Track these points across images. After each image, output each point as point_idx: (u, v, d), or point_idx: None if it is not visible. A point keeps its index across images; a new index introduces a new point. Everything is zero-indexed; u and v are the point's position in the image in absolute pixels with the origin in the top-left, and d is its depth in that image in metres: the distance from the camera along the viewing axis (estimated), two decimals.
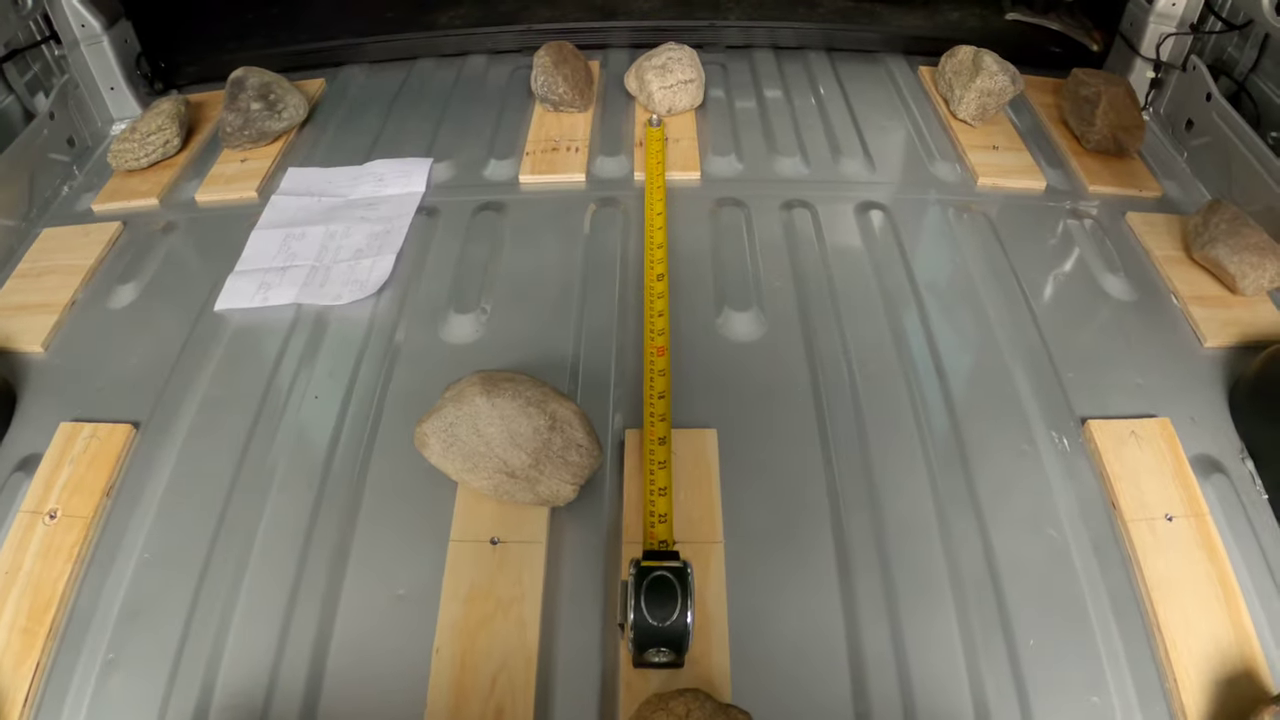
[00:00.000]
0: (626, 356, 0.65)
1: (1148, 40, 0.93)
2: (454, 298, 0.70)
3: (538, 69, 0.88)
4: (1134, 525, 0.55)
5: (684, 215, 0.77)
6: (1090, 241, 0.76)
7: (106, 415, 0.64)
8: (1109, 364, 0.65)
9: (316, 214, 0.80)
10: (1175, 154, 0.90)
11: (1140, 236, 0.77)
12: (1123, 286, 0.72)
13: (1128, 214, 0.79)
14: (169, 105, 0.92)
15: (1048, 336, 0.67)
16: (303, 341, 0.68)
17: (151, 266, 0.78)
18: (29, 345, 0.72)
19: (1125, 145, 0.86)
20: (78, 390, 0.67)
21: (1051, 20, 1.08)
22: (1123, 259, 0.74)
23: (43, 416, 0.65)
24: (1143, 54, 0.94)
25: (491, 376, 0.54)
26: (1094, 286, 0.72)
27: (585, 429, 0.52)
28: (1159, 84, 0.96)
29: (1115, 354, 0.66)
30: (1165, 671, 0.48)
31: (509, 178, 0.83)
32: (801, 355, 0.65)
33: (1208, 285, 0.72)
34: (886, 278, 0.71)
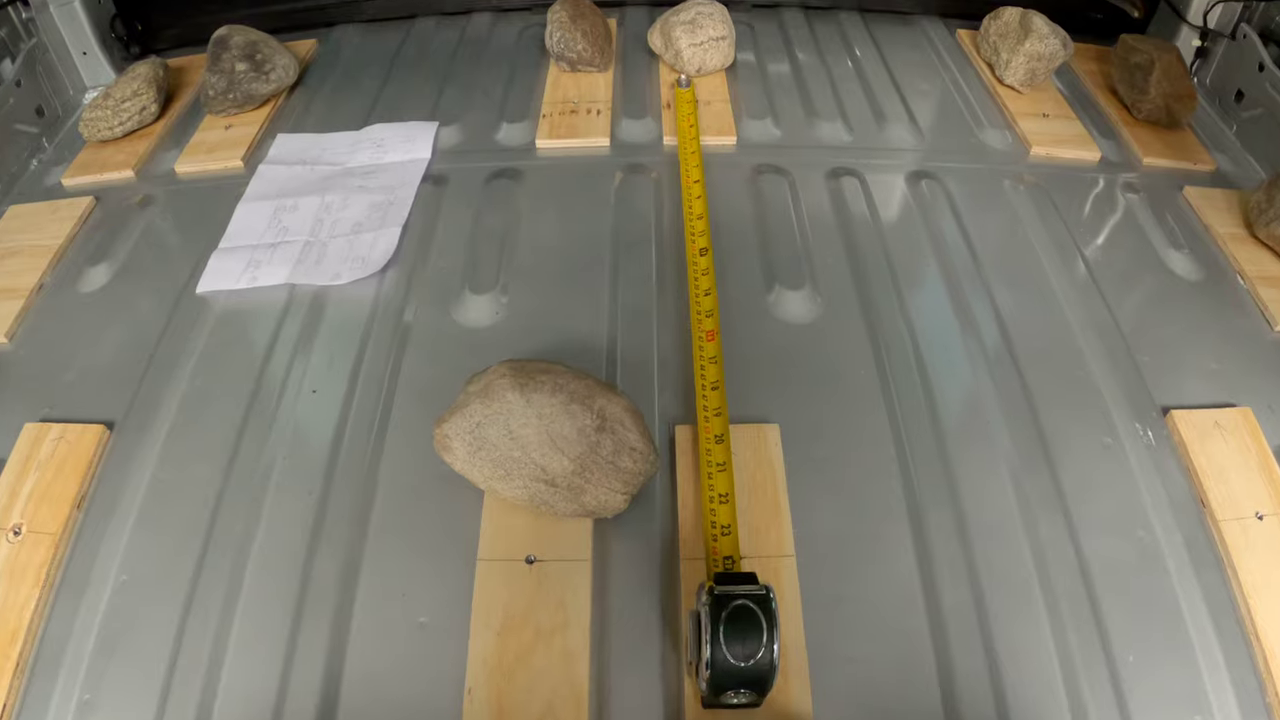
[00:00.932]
0: (669, 339, 0.56)
1: (1195, 7, 0.85)
2: (469, 275, 0.61)
3: (553, 24, 0.78)
4: (1225, 525, 0.48)
5: (722, 184, 0.68)
6: (1150, 216, 0.68)
7: (77, 414, 0.55)
8: (1182, 347, 0.58)
9: (310, 184, 0.70)
10: (1224, 126, 0.82)
11: (1200, 212, 0.70)
12: (1187, 265, 0.64)
13: (1185, 188, 0.72)
14: (146, 69, 0.81)
15: (1118, 316, 0.59)
16: (298, 326, 0.58)
17: (126, 245, 0.68)
18: None
19: (1177, 115, 0.78)
20: (44, 385, 0.58)
21: None
22: (1185, 236, 0.67)
23: (4, 416, 0.56)
24: (1190, 21, 0.86)
25: (524, 366, 0.46)
26: (1158, 264, 0.64)
27: (639, 429, 0.44)
28: (1204, 53, 0.88)
29: (1186, 336, 0.59)
30: (1266, 685, 0.42)
31: (524, 142, 0.73)
32: (864, 338, 0.56)
33: (1274, 265, 0.65)
34: (946, 253, 0.63)
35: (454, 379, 0.52)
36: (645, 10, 0.93)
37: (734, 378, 0.53)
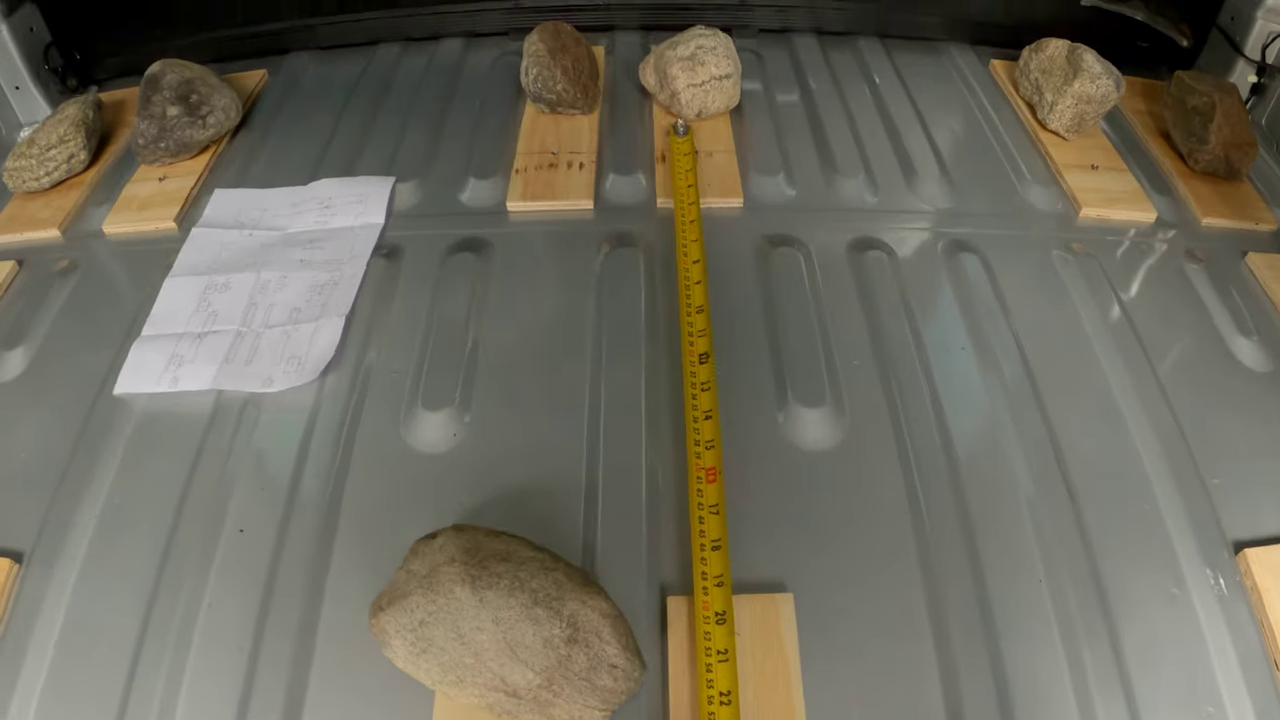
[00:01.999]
0: (662, 470, 0.46)
1: (1253, 39, 0.73)
2: (422, 383, 0.50)
3: (530, 59, 0.66)
4: None
5: (725, 260, 0.57)
6: (1213, 294, 0.58)
7: None
8: (1255, 460, 0.48)
9: (246, 254, 0.59)
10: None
11: (1265, 285, 0.59)
12: (1256, 354, 0.54)
13: (1248, 255, 0.61)
14: (74, 110, 0.70)
15: (1185, 426, 0.49)
16: (224, 443, 0.48)
17: (44, 324, 0.58)
18: None
19: (1237, 166, 0.67)
20: None
21: (1135, 8, 0.87)
22: (1252, 315, 0.56)
23: None
24: (1247, 55, 0.74)
25: (477, 546, 0.36)
26: (1225, 355, 0.54)
27: (621, 641, 0.33)
28: (1261, 89, 0.76)
29: (1259, 445, 0.49)
30: None
31: (494, 204, 0.62)
32: (894, 471, 0.46)
33: None
34: (990, 350, 0.52)
35: (405, 519, 0.42)
36: (638, 35, 0.81)
37: (739, 526, 0.43)
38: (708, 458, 0.44)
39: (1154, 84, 0.80)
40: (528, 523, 0.42)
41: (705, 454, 0.45)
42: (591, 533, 0.44)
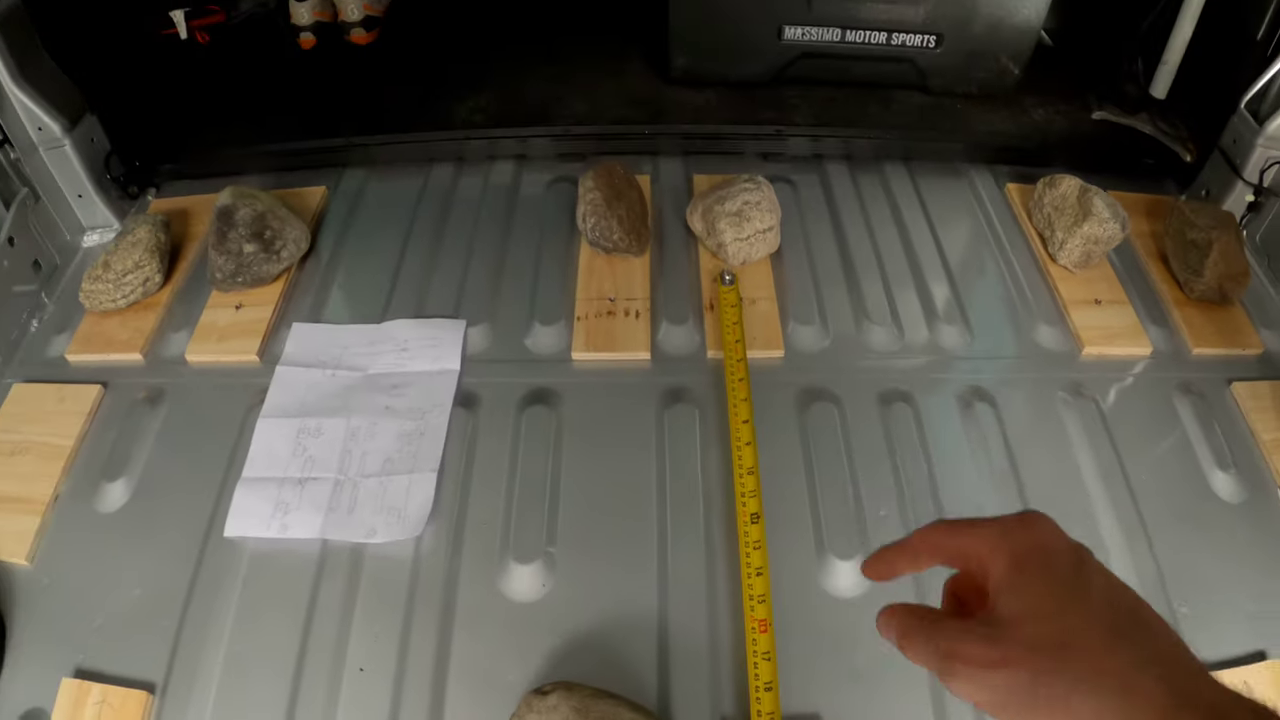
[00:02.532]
0: (722, 618, 0.58)
1: (1252, 164, 0.85)
2: (512, 538, 0.62)
3: (586, 206, 0.78)
4: None
5: (769, 415, 0.68)
6: (1197, 425, 0.71)
7: (113, 668, 0.57)
8: (1221, 588, 0.61)
9: (332, 396, 0.71)
10: (1272, 291, 0.83)
11: (1247, 414, 0.72)
12: (1232, 487, 0.67)
13: (1234, 384, 0.74)
14: (146, 234, 0.81)
15: (1161, 559, 0.62)
16: (338, 589, 0.60)
17: (141, 456, 0.70)
18: (12, 555, 0.65)
19: (1229, 294, 0.80)
20: (75, 626, 0.60)
21: (1142, 121, 1.00)
22: (1231, 446, 0.69)
23: (40, 658, 0.59)
24: (1245, 178, 0.86)
25: (585, 706, 0.48)
26: (1205, 490, 0.66)
27: None
28: (1257, 207, 0.88)
29: (1228, 574, 0.62)
30: None
31: (558, 350, 0.74)
32: None
33: None
34: (998, 495, 0.64)
35: (507, 662, 0.55)
36: (680, 162, 0.92)
37: (786, 668, 0.54)
38: (760, 610, 0.56)
39: (1159, 201, 0.93)
40: (610, 662, 0.55)
41: (758, 607, 0.57)
42: (665, 674, 0.56)
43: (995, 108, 1.01)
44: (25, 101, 0.83)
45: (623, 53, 1.06)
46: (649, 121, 0.91)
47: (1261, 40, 0.87)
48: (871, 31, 0.94)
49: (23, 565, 0.64)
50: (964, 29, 0.95)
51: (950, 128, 0.97)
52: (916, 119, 0.97)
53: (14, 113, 0.83)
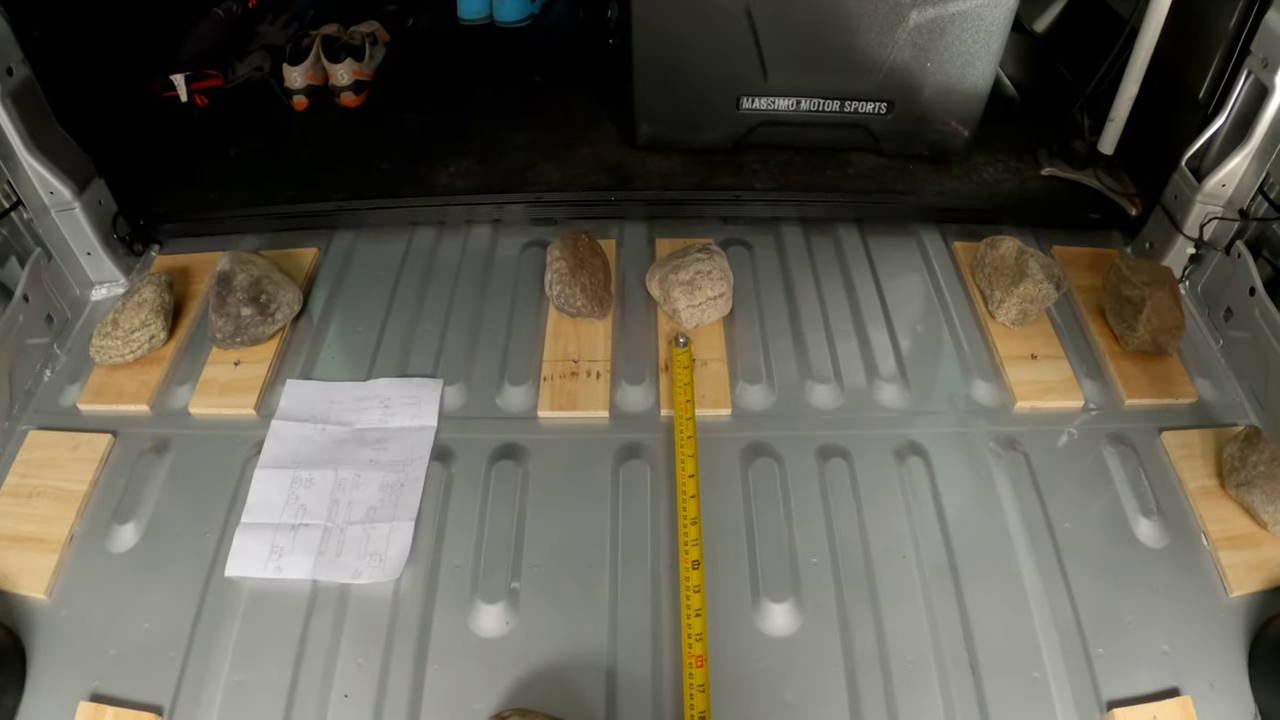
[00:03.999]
0: (664, 653, 0.69)
1: (1192, 219, 0.97)
2: (480, 581, 0.74)
3: (553, 275, 0.91)
4: None
5: (715, 469, 0.80)
6: (1124, 475, 0.82)
7: (125, 693, 0.69)
8: (1138, 629, 0.72)
9: (322, 450, 0.83)
10: (1210, 339, 0.95)
11: (1175, 463, 0.83)
12: (1155, 533, 0.78)
13: (1163, 434, 0.85)
14: (151, 294, 0.93)
15: (1079, 605, 0.72)
16: (326, 624, 0.72)
17: (150, 500, 0.82)
18: (31, 590, 0.77)
19: (1164, 346, 0.92)
20: (90, 655, 0.72)
21: (1089, 177, 1.12)
22: (1156, 494, 0.80)
23: (58, 683, 0.70)
24: (1185, 232, 0.98)
25: None
26: (1128, 536, 0.77)
27: None
28: (1198, 259, 1.00)
29: (1144, 616, 0.72)
30: None
31: (526, 409, 0.86)
32: (838, 652, 0.69)
33: (1239, 521, 0.79)
34: (923, 545, 0.76)
35: (475, 691, 0.67)
36: (644, 226, 1.05)
37: (721, 702, 0.65)
38: (697, 647, 0.68)
39: (1103, 254, 1.04)
40: (564, 693, 0.67)
41: (696, 644, 0.68)
42: (612, 703, 0.67)
43: (947, 168, 1.13)
44: (38, 168, 0.95)
45: (594, 119, 1.18)
46: (617, 187, 1.04)
47: (1202, 100, 0.99)
48: (825, 100, 1.07)
49: (42, 599, 0.75)
50: (914, 96, 1.07)
51: (902, 189, 1.09)
52: (870, 181, 1.09)
53: (27, 178, 0.96)
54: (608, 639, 0.70)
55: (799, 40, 1.01)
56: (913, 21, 0.99)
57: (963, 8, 0.98)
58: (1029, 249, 0.94)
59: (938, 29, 1.00)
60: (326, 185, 1.07)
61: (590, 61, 1.31)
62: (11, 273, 0.98)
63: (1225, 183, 0.93)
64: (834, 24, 0.99)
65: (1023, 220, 1.08)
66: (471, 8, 1.38)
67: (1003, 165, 1.13)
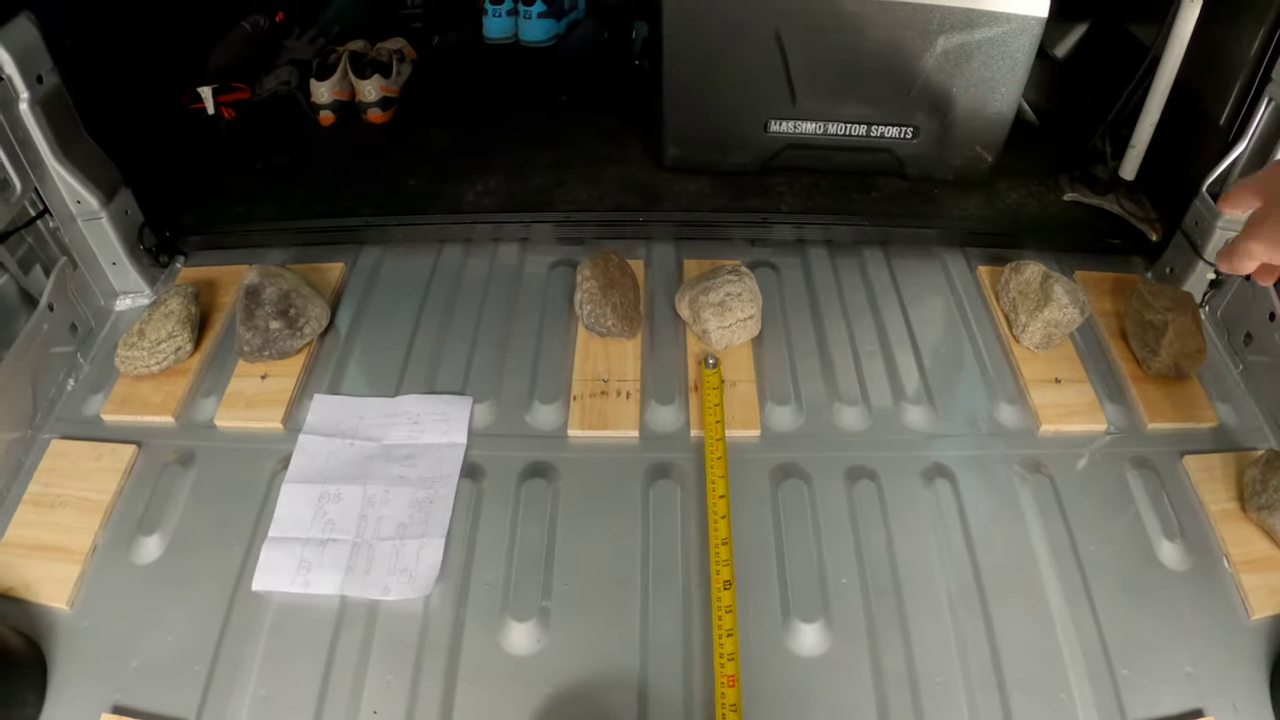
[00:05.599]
0: (695, 673, 0.71)
1: (1212, 245, 0.99)
2: (511, 599, 0.75)
3: (583, 294, 0.93)
4: None
5: (745, 490, 0.82)
6: (1147, 498, 0.84)
7: (148, 705, 0.70)
8: (1162, 651, 0.73)
9: (351, 465, 0.84)
10: (1230, 364, 0.98)
11: (1197, 486, 0.85)
12: (1178, 556, 0.79)
13: (1185, 457, 0.87)
14: (178, 305, 0.95)
15: (1104, 626, 0.74)
16: (355, 640, 0.73)
17: (174, 512, 0.83)
18: (53, 600, 0.78)
19: (1185, 370, 0.94)
20: (113, 667, 0.73)
21: (1111, 202, 1.15)
22: (1179, 517, 0.82)
23: (79, 695, 0.71)
24: (1205, 258, 1.00)
25: None
26: (1150, 559, 0.79)
27: None
28: (1218, 284, 1.03)
29: (1168, 638, 0.74)
30: None
31: (556, 427, 0.87)
32: (867, 672, 0.70)
33: (1260, 544, 0.81)
34: (950, 566, 0.77)
35: (505, 709, 0.68)
36: (673, 246, 1.07)
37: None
38: (729, 667, 0.69)
39: (1125, 279, 1.07)
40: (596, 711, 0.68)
41: (728, 664, 0.69)
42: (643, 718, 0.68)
43: (970, 192, 1.15)
44: (66, 176, 0.97)
45: (621, 139, 1.21)
46: (644, 208, 1.06)
47: (1223, 126, 1.01)
48: (852, 125, 1.09)
49: (63, 609, 0.76)
50: (940, 121, 1.10)
51: (927, 213, 1.11)
52: (895, 205, 1.12)
53: (55, 186, 0.98)
54: (639, 657, 0.71)
55: (828, 65, 1.04)
56: (940, 48, 1.02)
57: (989, 34, 1.01)
58: (1054, 274, 0.96)
59: (964, 55, 1.03)
60: (353, 201, 1.08)
61: (615, 82, 1.34)
62: (35, 281, 1.00)
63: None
64: (863, 49, 1.02)
65: (1045, 245, 1.11)
66: (497, 27, 1.41)
67: (1025, 190, 1.16)
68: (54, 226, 0.99)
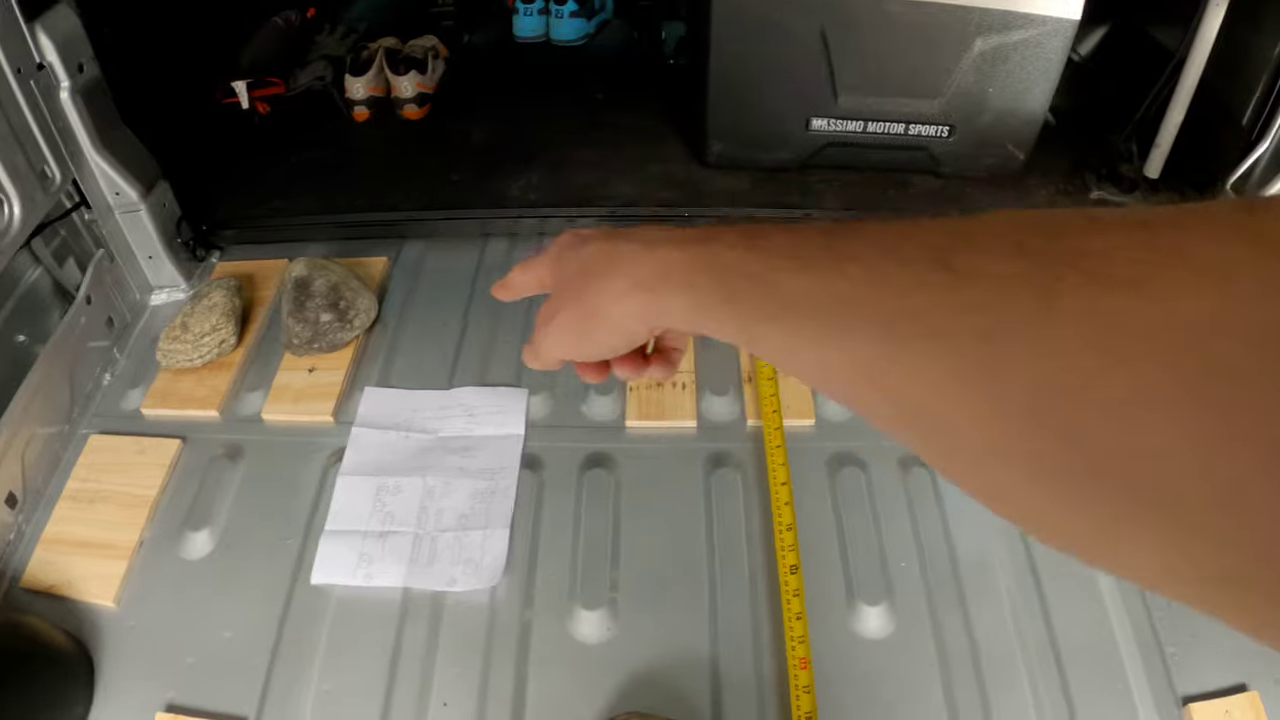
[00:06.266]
0: (765, 656, 0.71)
1: None
2: (579, 587, 0.75)
3: None
4: None
5: (804, 478, 0.82)
6: None
7: (206, 703, 0.69)
8: (1206, 628, 0.73)
9: (407, 457, 0.84)
10: None
11: None
12: None
13: None
14: (222, 298, 0.94)
15: (1151, 604, 0.74)
16: (421, 633, 0.72)
17: (224, 507, 0.82)
18: (98, 597, 0.77)
19: None
20: (166, 664, 0.72)
21: (1136, 200, 1.16)
22: None
23: (130, 694, 0.70)
24: None
25: None
26: None
27: None
28: None
29: None
30: None
31: (613, 418, 0.87)
32: (932, 653, 0.71)
33: None
34: (1005, 548, 0.77)
35: (577, 697, 0.67)
36: None
37: (823, 701, 0.67)
38: (800, 650, 0.69)
39: None
40: (669, 696, 0.68)
41: (799, 647, 0.70)
42: (718, 706, 0.68)
43: (1002, 189, 1.16)
44: (105, 168, 0.97)
45: (660, 136, 1.22)
46: (688, 203, 1.06)
47: (1246, 125, 1.03)
48: (891, 123, 1.11)
49: (110, 607, 0.75)
50: (975, 120, 1.11)
51: (961, 209, 1.11)
52: (930, 202, 1.13)
53: (93, 178, 0.97)
54: (709, 643, 0.71)
55: (870, 63, 1.05)
56: (977, 48, 1.03)
57: (1025, 36, 1.03)
58: None
59: (1001, 55, 1.04)
60: (394, 195, 1.09)
61: (648, 81, 1.35)
62: (69, 274, 0.99)
63: None
64: (904, 48, 1.04)
65: None
66: (528, 26, 1.42)
67: (1054, 188, 1.17)
68: (90, 219, 0.99)
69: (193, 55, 1.19)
